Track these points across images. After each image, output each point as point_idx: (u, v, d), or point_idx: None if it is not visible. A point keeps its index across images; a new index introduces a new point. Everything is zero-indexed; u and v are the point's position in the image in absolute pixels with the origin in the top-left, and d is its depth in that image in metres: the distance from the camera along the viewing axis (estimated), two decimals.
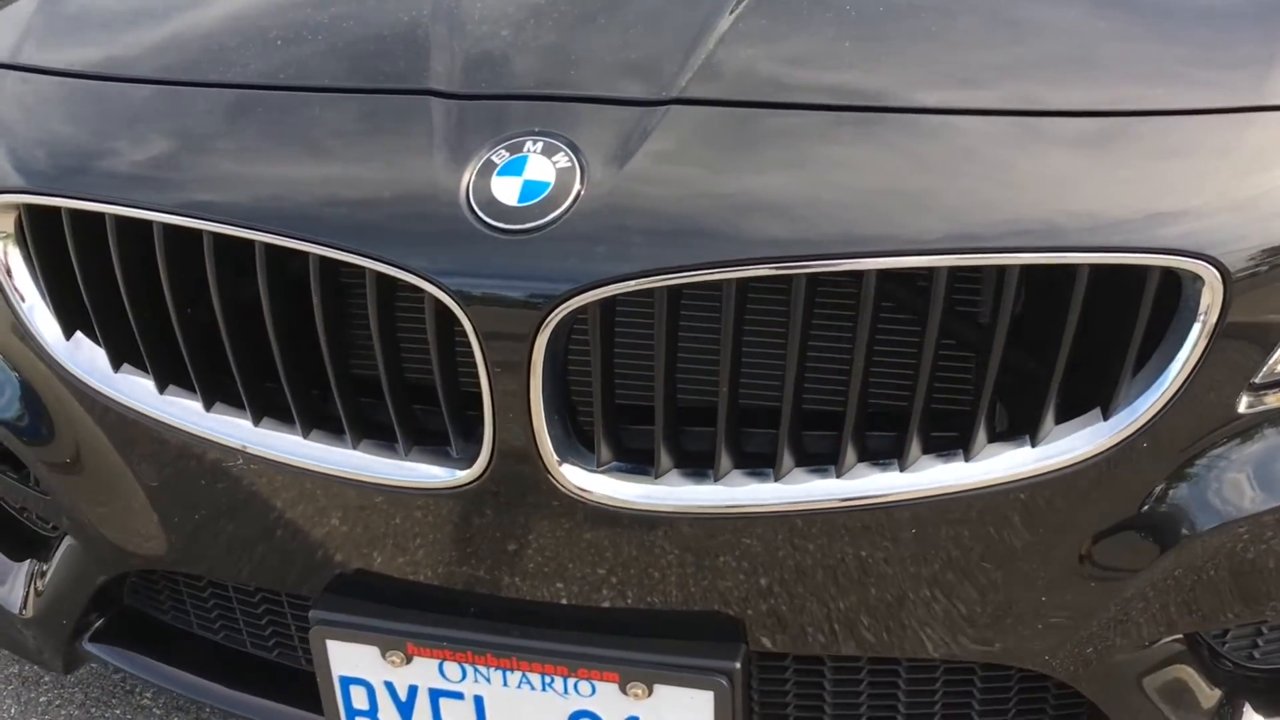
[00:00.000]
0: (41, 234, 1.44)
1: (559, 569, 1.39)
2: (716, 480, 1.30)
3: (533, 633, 1.42)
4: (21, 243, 1.47)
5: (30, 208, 1.42)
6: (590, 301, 1.22)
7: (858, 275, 1.21)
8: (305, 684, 1.66)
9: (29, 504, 1.65)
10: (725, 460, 1.30)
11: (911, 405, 1.25)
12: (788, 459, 1.29)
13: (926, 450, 1.29)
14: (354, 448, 1.38)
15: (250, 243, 1.31)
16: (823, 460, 1.31)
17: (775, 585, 1.36)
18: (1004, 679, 1.47)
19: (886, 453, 1.30)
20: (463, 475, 1.33)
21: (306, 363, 1.38)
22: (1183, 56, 1.33)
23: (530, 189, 1.25)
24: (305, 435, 1.39)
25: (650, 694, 1.40)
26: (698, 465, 1.32)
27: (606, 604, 1.40)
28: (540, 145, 1.28)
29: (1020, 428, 1.28)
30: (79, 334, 1.48)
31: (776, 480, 1.30)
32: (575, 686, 1.43)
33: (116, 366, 1.46)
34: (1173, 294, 1.23)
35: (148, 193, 1.36)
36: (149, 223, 1.37)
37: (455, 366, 1.31)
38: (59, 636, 1.71)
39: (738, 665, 1.37)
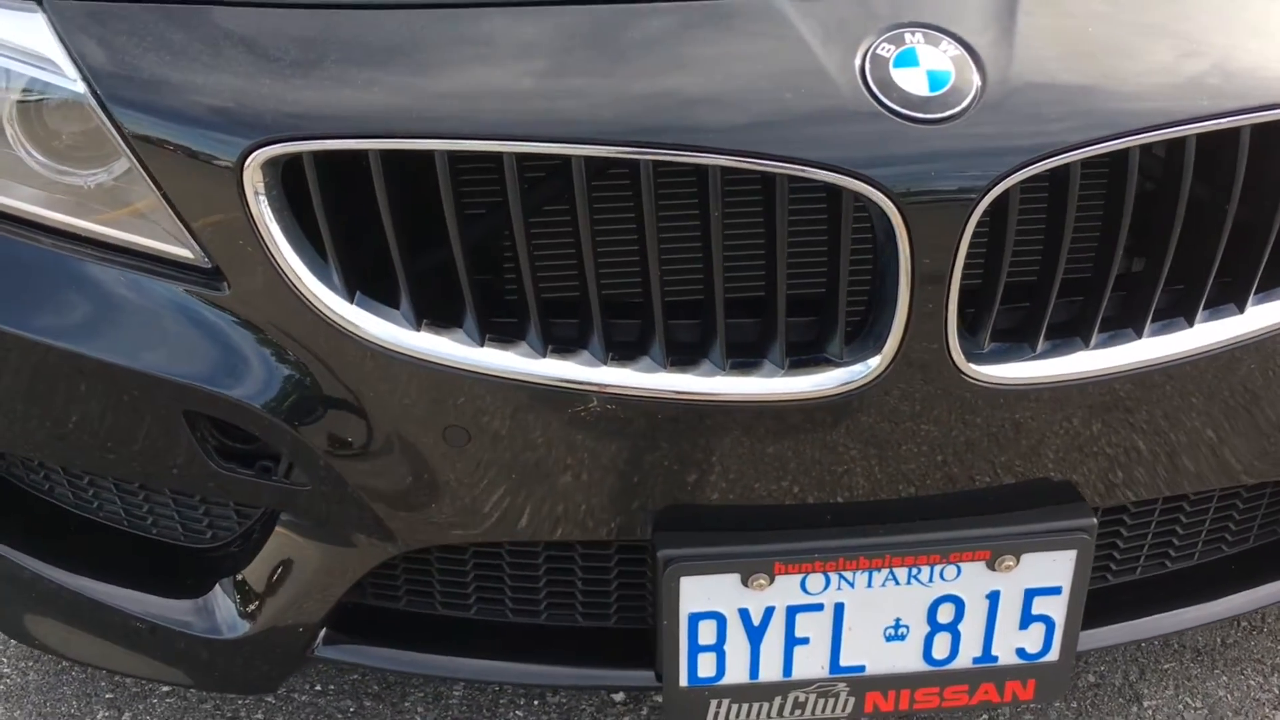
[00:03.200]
0: (323, 185, 1.27)
1: (929, 458, 1.40)
2: (1088, 347, 1.36)
3: (903, 527, 1.43)
4: (283, 200, 1.30)
5: (318, 155, 1.26)
6: (1014, 184, 1.24)
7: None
8: (573, 641, 1.60)
9: (265, 499, 1.45)
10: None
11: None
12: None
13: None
14: (725, 370, 1.33)
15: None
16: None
17: (1113, 442, 1.43)
18: (1260, 495, 1.63)
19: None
20: (858, 378, 1.32)
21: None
22: None
23: (936, 78, 1.25)
24: (667, 366, 1.33)
25: (1017, 564, 1.45)
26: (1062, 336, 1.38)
27: (964, 486, 1.43)
28: (920, 36, 1.27)
29: None
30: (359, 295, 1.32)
31: (1139, 339, 1.37)
32: (942, 573, 1.45)
33: (418, 324, 1.33)
34: None
35: (482, 123, 1.24)
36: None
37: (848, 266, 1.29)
38: (290, 649, 1.53)
39: (1095, 520, 1.45)
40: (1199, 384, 1.41)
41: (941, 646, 1.50)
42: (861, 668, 1.51)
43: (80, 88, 1.32)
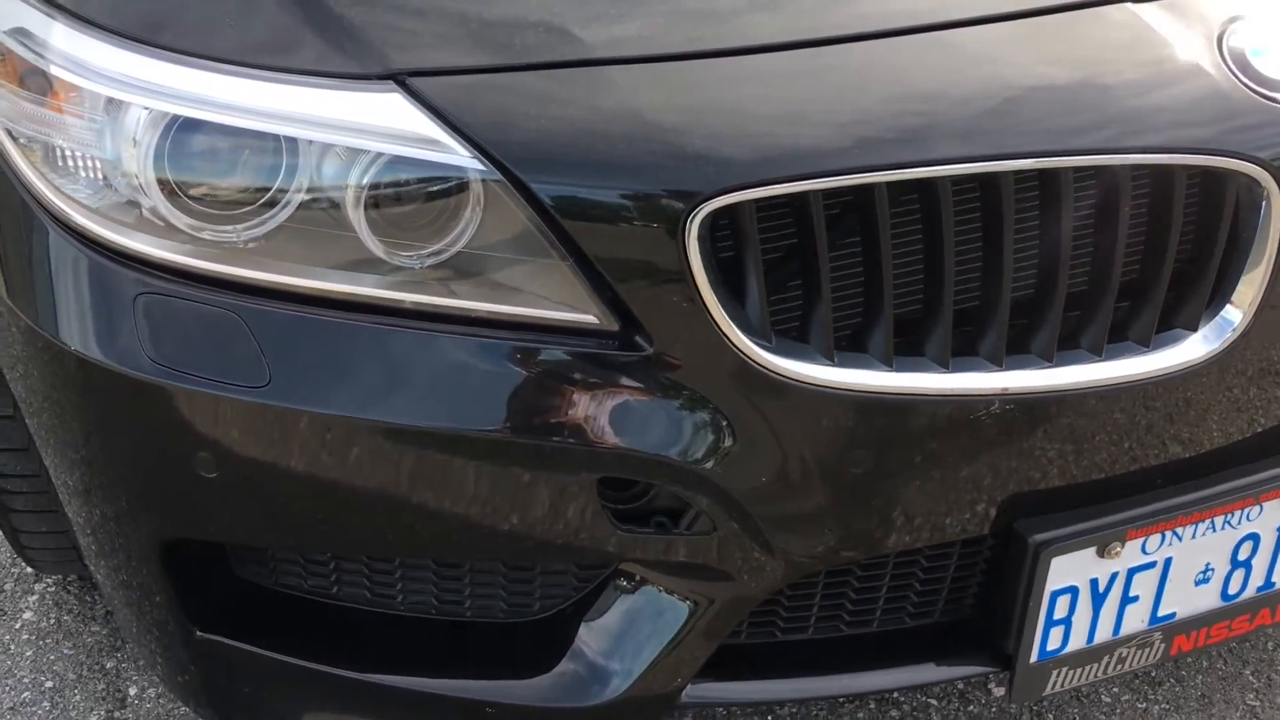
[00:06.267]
0: (749, 228, 1.27)
1: (1244, 408, 1.53)
2: None
3: (1221, 477, 1.56)
4: (710, 251, 1.28)
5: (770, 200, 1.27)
6: None
7: None
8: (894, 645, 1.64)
9: (669, 553, 1.41)
10: None
11: None
12: None
13: None
14: (1101, 358, 1.41)
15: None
16: None
17: None
18: None
19: None
20: (1220, 342, 1.43)
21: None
22: None
23: None
24: (1052, 361, 1.39)
25: None
26: None
27: (1260, 430, 1.57)
28: (1254, 25, 1.39)
29: None
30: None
31: None
32: (1248, 514, 1.58)
33: (831, 357, 1.33)
34: None
35: (917, 150, 1.27)
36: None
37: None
38: (661, 703, 1.49)
39: None
40: None
41: (1236, 582, 1.65)
42: (1173, 615, 1.63)
43: (477, 164, 1.26)
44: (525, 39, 1.32)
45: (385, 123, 1.29)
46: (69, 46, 1.37)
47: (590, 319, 1.31)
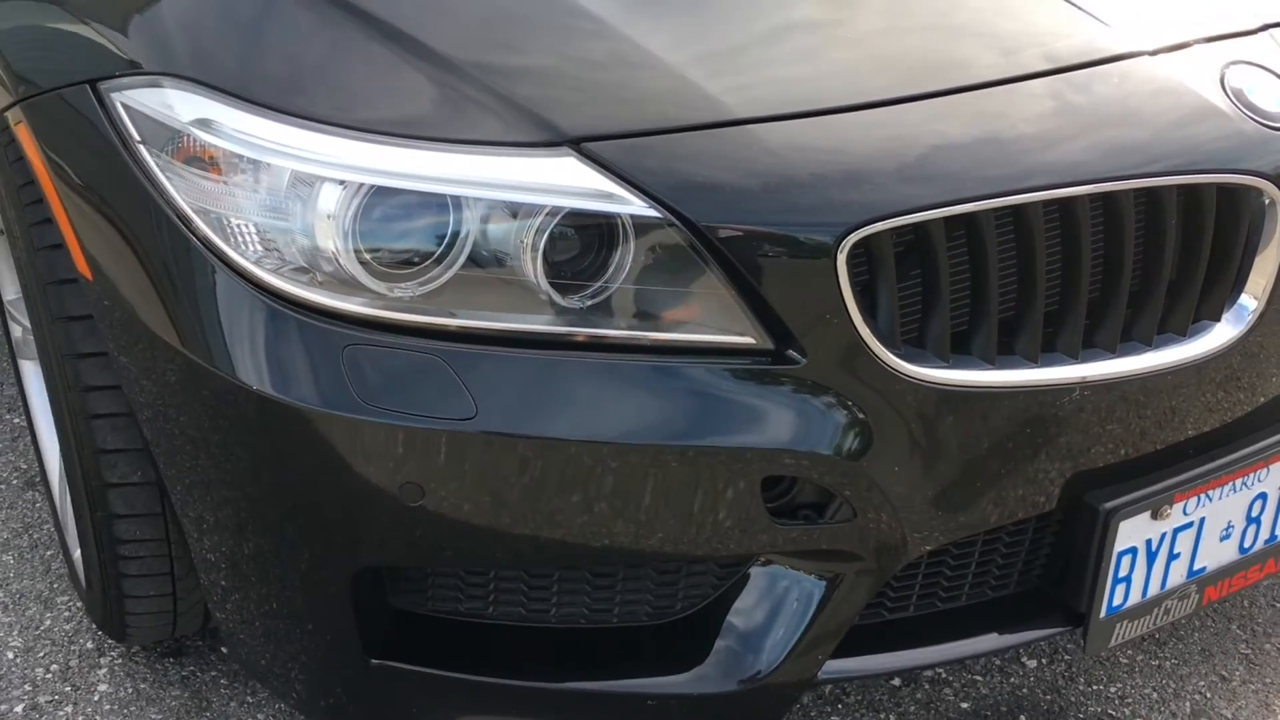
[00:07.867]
0: (886, 252, 1.50)
1: (1257, 379, 1.80)
2: None
3: (1243, 443, 1.83)
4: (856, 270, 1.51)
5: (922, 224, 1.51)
6: None
7: None
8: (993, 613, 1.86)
9: (812, 541, 1.60)
10: None
11: None
12: None
13: None
14: (1151, 347, 1.67)
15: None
16: None
17: None
18: None
19: None
20: (1242, 326, 1.72)
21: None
22: None
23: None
24: (1115, 352, 1.65)
25: None
26: None
27: (1266, 399, 1.85)
28: (1246, 68, 1.70)
29: None
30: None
31: None
32: (1260, 475, 1.86)
33: (947, 359, 1.56)
34: None
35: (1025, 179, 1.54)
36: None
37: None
38: (800, 682, 1.68)
39: None
40: None
41: (1250, 536, 1.92)
42: (1204, 568, 1.90)
43: (652, 211, 1.47)
44: (678, 104, 1.53)
45: (563, 181, 1.48)
46: (249, 129, 1.53)
47: (748, 339, 1.52)
